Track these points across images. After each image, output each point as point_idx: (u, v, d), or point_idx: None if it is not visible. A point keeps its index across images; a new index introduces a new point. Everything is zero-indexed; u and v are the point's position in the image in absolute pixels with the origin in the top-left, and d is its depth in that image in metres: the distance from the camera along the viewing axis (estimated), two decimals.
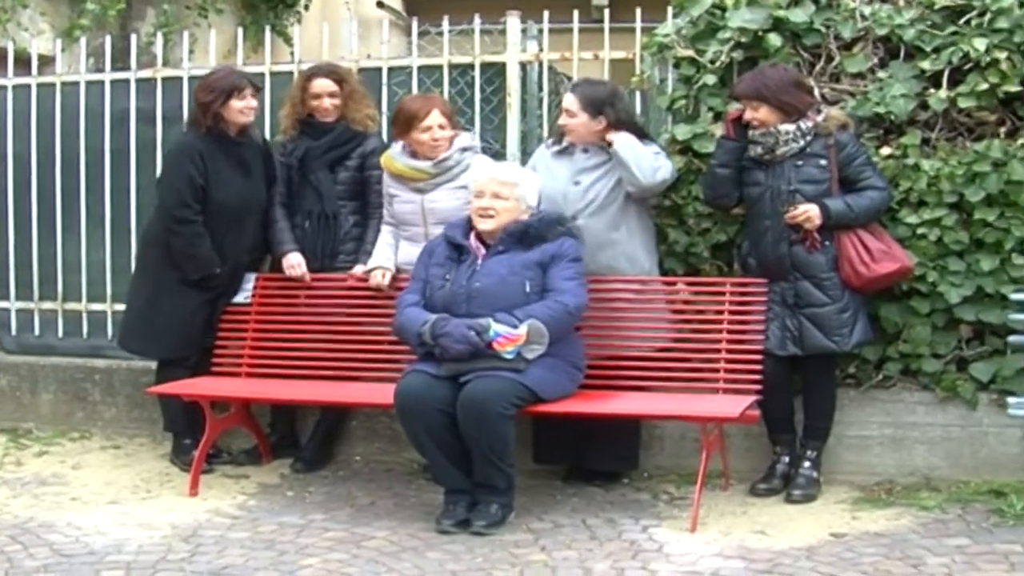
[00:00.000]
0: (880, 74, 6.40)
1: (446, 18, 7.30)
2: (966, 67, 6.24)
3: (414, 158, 6.51)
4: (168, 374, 6.74)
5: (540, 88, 7.24)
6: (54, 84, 7.91)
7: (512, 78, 7.17)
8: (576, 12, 7.04)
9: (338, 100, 6.81)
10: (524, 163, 6.70)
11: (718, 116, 6.54)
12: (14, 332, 8.05)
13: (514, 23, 7.18)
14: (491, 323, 5.71)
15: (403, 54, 7.80)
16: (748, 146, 6.18)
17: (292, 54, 8.00)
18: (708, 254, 6.61)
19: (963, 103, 6.24)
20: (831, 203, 6.03)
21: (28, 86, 7.96)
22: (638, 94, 6.91)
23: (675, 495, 6.29)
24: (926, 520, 5.82)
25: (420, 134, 6.43)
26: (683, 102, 6.68)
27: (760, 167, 6.18)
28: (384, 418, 6.89)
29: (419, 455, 6.15)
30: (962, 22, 6.29)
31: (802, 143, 6.09)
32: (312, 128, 6.83)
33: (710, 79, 6.56)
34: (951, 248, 6.23)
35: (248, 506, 6.20)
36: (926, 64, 6.31)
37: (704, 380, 6.23)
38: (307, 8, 11.60)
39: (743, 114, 6.17)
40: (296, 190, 6.86)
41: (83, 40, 8.19)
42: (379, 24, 8.27)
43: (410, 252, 6.53)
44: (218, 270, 6.71)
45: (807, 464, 6.23)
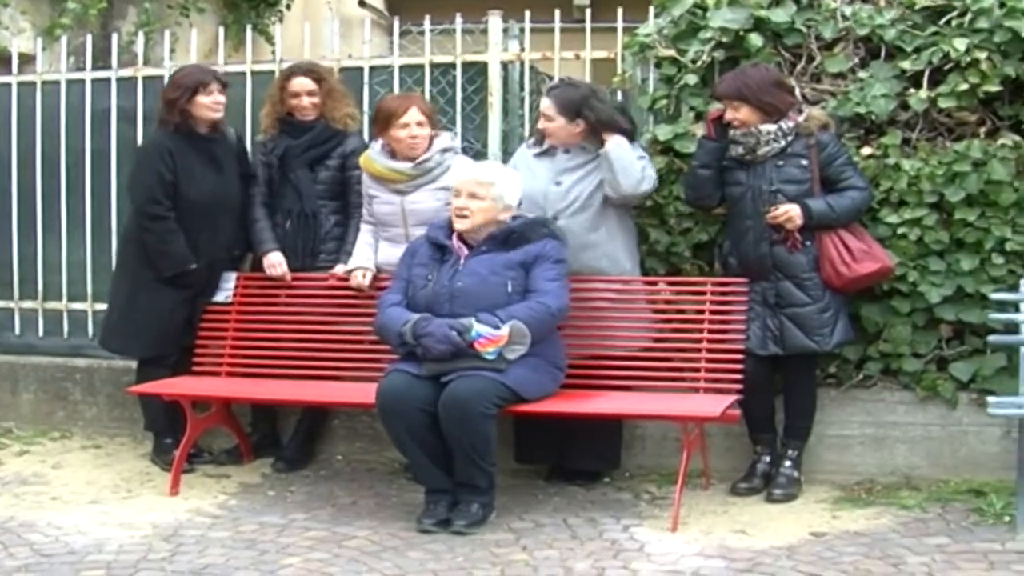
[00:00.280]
0: (861, 74, 6.41)
1: (428, 17, 7.28)
2: (946, 67, 6.26)
3: (393, 159, 6.51)
4: (149, 373, 6.73)
5: (522, 88, 7.24)
6: (35, 83, 7.87)
7: (494, 78, 7.17)
8: (558, 12, 7.03)
9: (317, 99, 6.80)
10: (506, 163, 6.69)
11: (699, 116, 6.55)
12: None
13: (496, 23, 7.18)
14: (473, 323, 5.71)
15: (385, 53, 7.79)
16: (729, 146, 6.19)
17: (274, 53, 7.98)
18: (689, 254, 6.61)
19: (943, 103, 6.25)
20: (812, 203, 6.05)
21: (8, 85, 7.92)
22: (620, 94, 6.91)
23: (656, 494, 6.30)
24: (906, 519, 5.84)
25: (398, 131, 6.43)
26: (664, 102, 6.67)
27: (741, 167, 6.18)
28: (365, 417, 6.88)
29: (400, 454, 6.14)
30: (943, 22, 6.30)
31: (783, 143, 6.10)
32: (292, 127, 6.83)
33: (691, 79, 6.56)
34: (931, 248, 6.25)
35: (229, 505, 6.19)
36: (907, 64, 6.32)
37: (685, 380, 6.24)
38: (289, 7, 11.60)
39: (724, 114, 6.18)
40: (276, 189, 6.86)
41: (64, 39, 8.19)
42: (361, 23, 8.29)
43: (390, 253, 6.53)
44: (193, 266, 6.69)
45: (788, 463, 6.24)
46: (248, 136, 7.22)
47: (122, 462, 6.96)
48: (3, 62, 8.21)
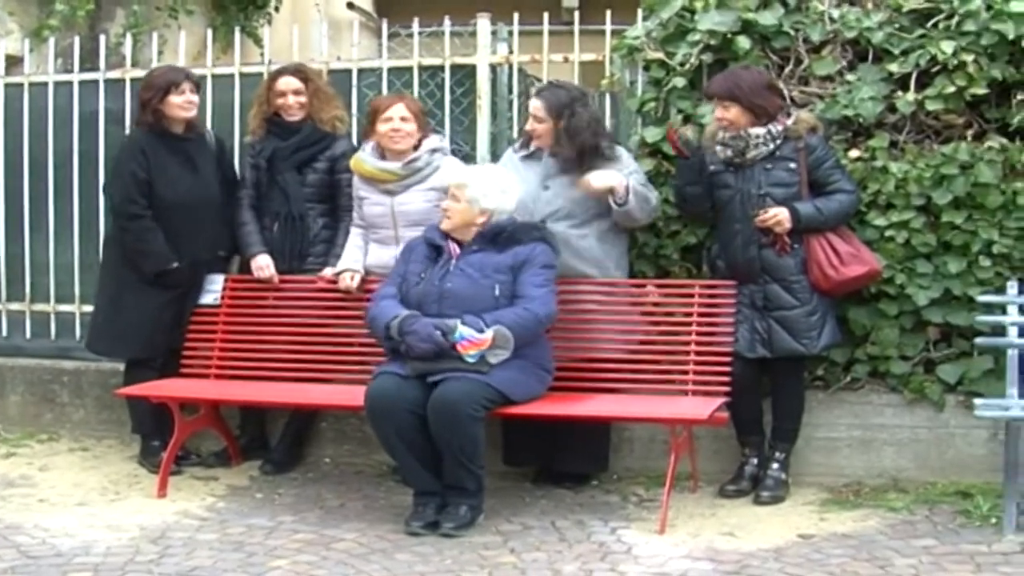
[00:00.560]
0: (848, 77, 6.42)
1: (416, 20, 7.29)
2: (934, 70, 6.26)
3: (383, 159, 6.51)
4: (136, 376, 6.72)
5: (510, 90, 7.24)
6: (22, 84, 7.86)
7: (482, 80, 7.17)
8: (546, 14, 7.03)
9: (303, 98, 6.80)
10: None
11: (688, 119, 6.56)
12: None
13: (484, 25, 7.18)
14: (458, 325, 5.72)
15: (373, 56, 7.78)
16: (708, 157, 6.21)
17: (262, 55, 7.97)
18: (678, 256, 6.62)
19: (931, 106, 6.26)
20: (801, 206, 6.06)
21: None
22: (608, 96, 6.91)
23: (644, 497, 6.30)
24: (893, 521, 5.85)
25: (381, 125, 6.45)
26: (653, 104, 6.67)
27: (729, 170, 6.19)
28: (354, 420, 6.88)
29: (389, 457, 6.13)
30: (930, 25, 6.31)
31: (772, 147, 6.11)
32: (279, 128, 6.82)
33: (680, 81, 6.56)
34: (919, 250, 6.26)
35: (217, 508, 6.19)
36: (894, 67, 6.33)
37: (673, 382, 6.24)
38: (277, 10, 11.56)
39: (678, 131, 6.21)
40: (264, 192, 6.85)
41: (52, 40, 8.17)
42: (349, 26, 8.29)
43: (380, 255, 6.54)
44: (175, 265, 6.68)
45: (775, 466, 6.25)
46: (236, 138, 7.21)
47: (110, 464, 6.95)
48: None
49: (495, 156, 7.00)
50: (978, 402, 5.73)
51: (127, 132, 7.09)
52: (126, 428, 7.08)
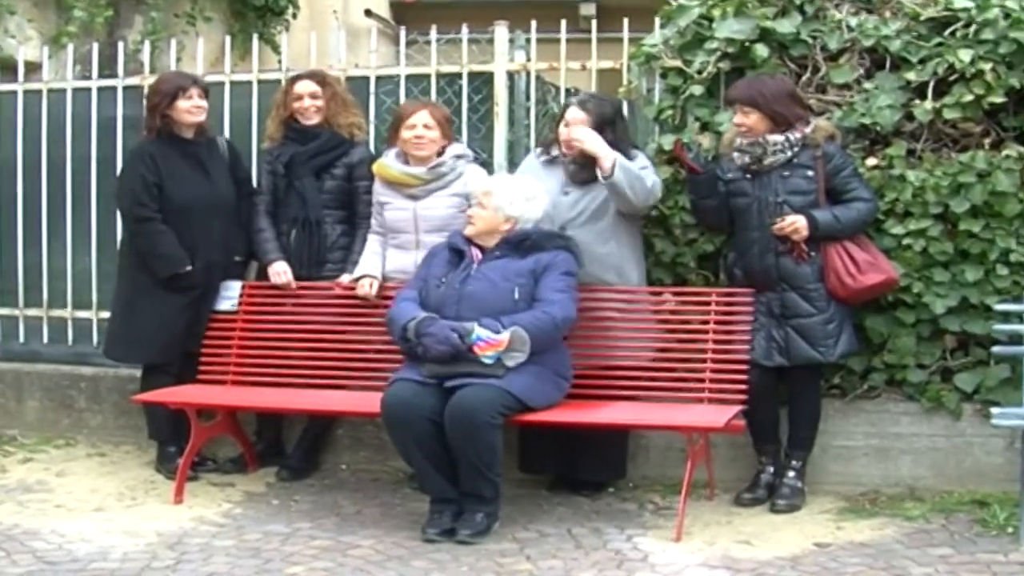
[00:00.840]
0: (866, 85, 6.41)
1: (434, 27, 7.30)
2: (951, 78, 6.26)
3: (407, 165, 6.53)
4: (153, 381, 6.73)
5: (528, 98, 7.25)
6: (41, 91, 7.90)
7: (500, 88, 7.18)
8: (564, 22, 7.04)
9: (320, 102, 6.82)
10: (511, 172, 6.70)
11: (705, 126, 6.56)
12: None
13: (502, 33, 7.19)
14: (475, 327, 5.73)
15: (391, 63, 7.80)
16: (724, 165, 6.22)
17: (280, 62, 7.99)
18: (695, 264, 6.62)
19: (948, 114, 6.25)
20: (818, 214, 6.05)
21: (14, 93, 7.95)
22: (625, 104, 6.92)
23: (660, 505, 6.30)
24: (910, 530, 5.84)
25: (405, 132, 6.47)
26: (670, 112, 6.68)
27: (747, 178, 6.19)
28: (370, 427, 6.88)
29: (405, 464, 6.14)
30: (947, 33, 6.30)
31: (789, 154, 6.10)
32: (297, 133, 6.84)
33: (697, 89, 6.57)
34: (936, 259, 6.25)
35: (233, 514, 6.20)
36: (912, 75, 6.32)
37: (690, 390, 6.23)
38: (295, 17, 11.60)
39: (683, 145, 6.23)
40: (281, 198, 6.87)
41: (70, 47, 8.19)
42: (367, 33, 8.28)
43: (399, 260, 6.56)
44: (188, 267, 6.69)
45: (792, 474, 6.24)
46: (254, 145, 7.23)
47: (127, 470, 6.96)
48: (9, 70, 8.22)
49: (512, 163, 7.02)
50: (995, 411, 5.73)
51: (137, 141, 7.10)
52: (143, 434, 7.09)
